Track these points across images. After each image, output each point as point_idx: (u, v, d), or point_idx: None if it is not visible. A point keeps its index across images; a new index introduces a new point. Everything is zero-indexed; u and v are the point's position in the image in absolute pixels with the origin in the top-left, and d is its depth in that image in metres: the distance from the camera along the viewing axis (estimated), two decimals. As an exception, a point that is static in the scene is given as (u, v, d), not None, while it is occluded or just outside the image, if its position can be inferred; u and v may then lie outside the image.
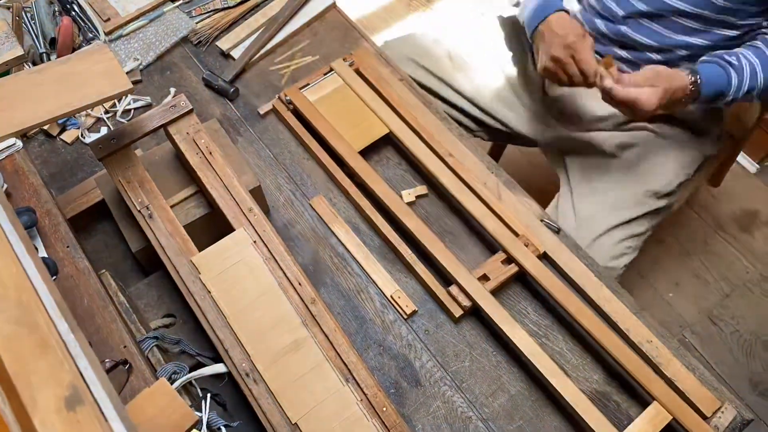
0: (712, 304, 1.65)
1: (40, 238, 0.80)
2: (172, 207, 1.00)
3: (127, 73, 1.30)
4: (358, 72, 1.25)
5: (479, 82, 1.37)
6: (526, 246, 1.06)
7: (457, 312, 1.03)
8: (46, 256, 0.79)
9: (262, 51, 1.33)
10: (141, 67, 1.32)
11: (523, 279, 1.08)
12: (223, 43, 1.34)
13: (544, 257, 1.07)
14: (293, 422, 0.84)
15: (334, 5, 1.39)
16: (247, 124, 1.26)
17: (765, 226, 1.75)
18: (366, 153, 1.18)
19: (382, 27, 2.17)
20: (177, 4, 1.39)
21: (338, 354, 0.88)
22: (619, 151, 1.24)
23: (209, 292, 0.90)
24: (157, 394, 0.64)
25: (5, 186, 0.83)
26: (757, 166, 1.85)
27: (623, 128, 1.25)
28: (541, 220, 1.11)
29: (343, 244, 1.12)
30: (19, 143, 0.91)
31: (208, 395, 0.86)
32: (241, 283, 0.91)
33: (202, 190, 1.02)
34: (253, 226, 0.94)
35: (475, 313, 1.05)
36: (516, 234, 1.07)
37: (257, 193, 1.07)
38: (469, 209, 1.09)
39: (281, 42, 1.35)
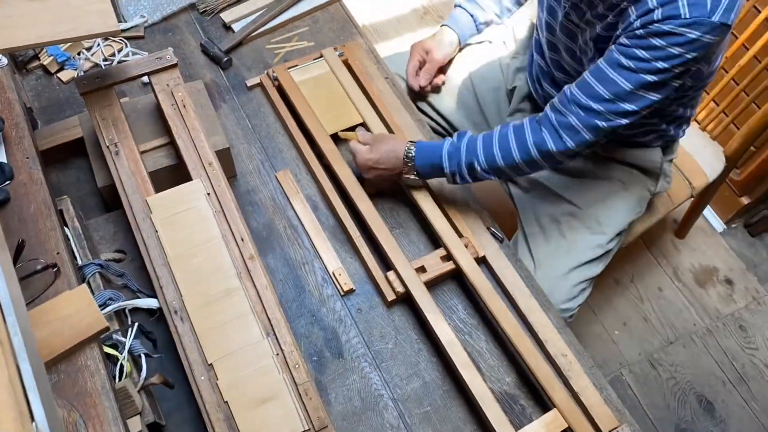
0: (655, 348, 1.69)
1: (4, 145, 0.86)
2: (142, 153, 1.07)
3: (131, 27, 1.38)
4: (346, 63, 1.32)
5: (455, 103, 1.42)
6: (466, 247, 1.11)
7: (390, 296, 1.08)
8: (4, 161, 0.85)
9: (262, 29, 1.40)
10: (146, 24, 1.39)
11: (459, 278, 1.14)
12: (227, 16, 1.41)
13: (482, 262, 1.12)
14: (209, 362, 0.89)
15: (338, -1, 1.46)
16: (233, 93, 1.33)
17: (720, 284, 1.80)
18: (337, 139, 1.24)
19: (392, 35, 2.25)
20: (192, -27, 1.46)
21: (264, 309, 0.93)
22: (566, 193, 1.27)
23: (156, 231, 0.96)
24: (76, 297, 0.69)
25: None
26: (724, 226, 1.90)
27: (565, 170, 1.28)
28: (488, 228, 1.16)
29: (298, 217, 1.18)
30: (5, 60, 0.97)
31: (136, 324, 0.92)
32: (188, 228, 0.97)
33: (172, 141, 1.08)
34: (210, 180, 1.00)
35: (407, 301, 1.11)
36: (460, 235, 1.13)
37: (225, 155, 1.13)
38: (420, 204, 1.15)
39: (282, 24, 1.42)
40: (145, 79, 1.28)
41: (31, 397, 0.39)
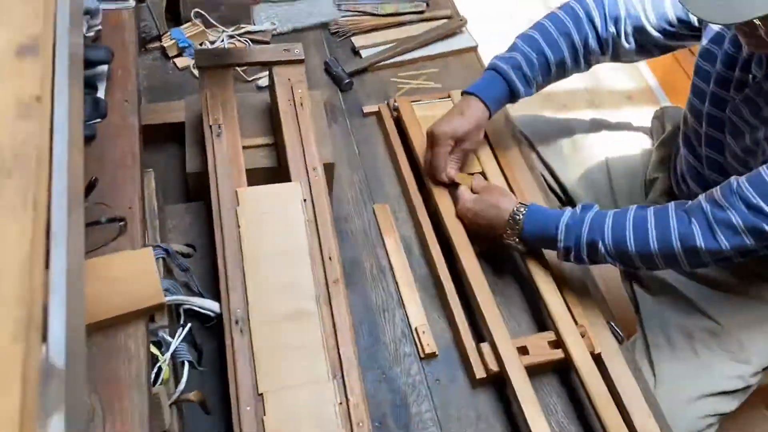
0: None
1: (106, 82, 0.77)
2: (243, 149, 0.96)
3: (258, 31, 1.32)
4: (474, 109, 1.20)
5: (582, 175, 1.27)
6: (582, 337, 0.92)
7: (480, 373, 0.90)
8: (102, 97, 0.75)
9: (391, 61, 1.32)
10: (275, 32, 1.33)
11: (563, 373, 0.94)
12: (358, 41, 1.33)
13: (596, 360, 0.93)
14: (260, 392, 0.73)
15: (475, 48, 1.37)
16: (347, 116, 1.23)
17: None
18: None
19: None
20: (332, -6, 1.42)
21: (338, 345, 0.77)
22: (705, 305, 1.07)
23: (239, 226, 0.83)
24: (138, 259, 0.56)
25: (100, 27, 0.81)
26: None
27: (704, 278, 1.09)
28: (608, 323, 0.98)
29: (389, 257, 1.03)
30: (132, 2, 0.90)
31: (188, 325, 0.77)
32: (274, 231, 0.83)
33: (277, 141, 0.97)
34: (310, 186, 0.87)
35: (497, 383, 0.92)
36: (576, 322, 0.94)
37: (328, 171, 1.01)
38: (534, 276, 0.98)
39: (412, 60, 1.33)
40: (261, 83, 1.22)
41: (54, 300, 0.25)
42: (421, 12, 1.42)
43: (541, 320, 1.00)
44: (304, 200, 0.86)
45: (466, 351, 0.92)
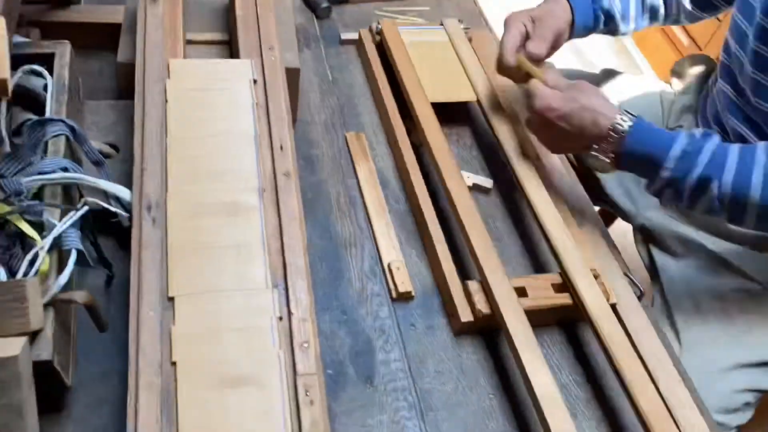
0: None
1: None
2: (188, 43, 0.79)
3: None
4: (469, 40, 1.04)
5: None
6: (595, 279, 0.74)
7: (466, 316, 0.71)
8: None
9: (376, -7, 1.16)
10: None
11: (569, 326, 0.76)
12: (340, -29, 1.18)
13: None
14: (169, 295, 0.54)
15: (472, -9, 1.22)
16: (322, 43, 1.06)
17: None
18: (440, 119, 0.93)
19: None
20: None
21: (283, 249, 0.58)
22: (741, 263, 0.91)
23: (166, 101, 0.64)
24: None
25: None
26: None
27: (739, 238, 0.91)
28: (625, 274, 0.79)
29: (360, 188, 0.85)
30: None
31: (85, 208, 0.58)
32: (212, 110, 0.65)
33: (232, 35, 0.80)
34: (263, 64, 0.69)
35: (485, 332, 0.73)
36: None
37: (291, 76, 0.84)
38: (539, 214, 0.79)
39: (400, -4, 1.18)
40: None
41: None
42: (413, -47, 1.27)
43: (541, 265, 0.82)
44: (254, 81, 0.68)
45: (449, 291, 0.73)
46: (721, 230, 0.91)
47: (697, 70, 1.10)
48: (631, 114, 0.74)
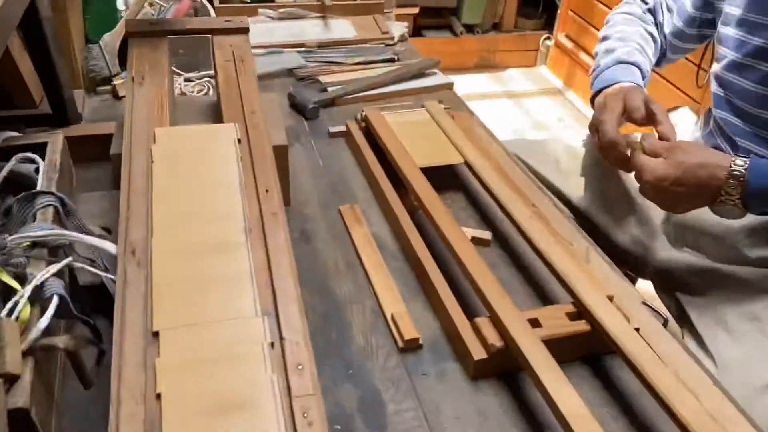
0: None
1: None
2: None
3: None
4: (452, 117, 1.08)
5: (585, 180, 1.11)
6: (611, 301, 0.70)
7: (478, 354, 0.66)
8: None
9: (361, 94, 1.23)
10: (237, 79, 1.26)
11: (592, 361, 0.70)
12: (325, 79, 1.26)
13: (634, 337, 0.69)
14: (154, 329, 0.51)
15: (451, 86, 1.29)
16: (311, 138, 1.10)
17: None
18: (429, 173, 0.93)
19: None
20: (299, 50, 1.38)
21: (271, 279, 0.56)
22: None
23: (152, 161, 0.66)
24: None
25: None
26: None
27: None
28: (644, 303, 0.75)
29: (357, 251, 0.83)
30: None
31: (69, 259, 0.57)
32: (196, 168, 0.66)
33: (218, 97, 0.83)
34: (246, 125, 0.72)
35: (503, 376, 0.68)
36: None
37: (280, 155, 0.86)
38: (545, 251, 0.77)
39: (383, 95, 1.24)
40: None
41: None
42: (392, 61, 1.36)
43: (551, 300, 0.78)
44: (239, 140, 0.70)
45: (457, 332, 0.69)
46: (738, 257, 0.87)
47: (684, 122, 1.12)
48: (741, 156, 0.76)
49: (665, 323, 0.74)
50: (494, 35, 3.14)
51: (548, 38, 3.20)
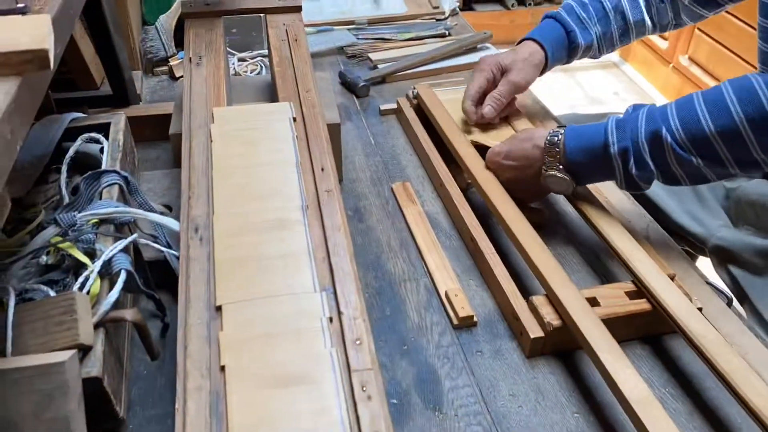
0: None
1: None
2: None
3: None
4: (504, 94, 1.06)
5: None
6: (673, 280, 0.68)
7: (535, 332, 0.66)
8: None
9: (411, 71, 1.22)
10: (288, 58, 1.27)
11: (655, 340, 0.69)
12: (375, 56, 1.25)
13: (697, 318, 0.67)
14: (217, 304, 0.52)
15: (503, 60, 1.26)
16: (362, 116, 1.10)
17: None
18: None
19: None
20: (349, 27, 1.37)
21: (329, 256, 0.57)
22: None
23: (211, 140, 0.67)
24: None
25: None
26: None
27: None
28: (707, 282, 0.73)
29: (410, 229, 0.83)
30: None
31: (134, 235, 0.59)
32: (254, 146, 0.67)
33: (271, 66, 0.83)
34: (301, 104, 0.72)
35: (560, 355, 0.67)
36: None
37: (333, 133, 0.86)
38: (599, 225, 0.75)
39: (434, 71, 1.23)
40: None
41: None
42: (443, 36, 1.35)
43: (610, 278, 0.76)
44: (294, 119, 0.71)
45: (513, 311, 0.68)
46: None
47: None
48: (561, 125, 0.79)
49: (729, 303, 0.71)
50: (546, 7, 3.06)
51: (603, 9, 3.09)
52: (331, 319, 0.52)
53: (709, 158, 0.67)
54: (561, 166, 0.75)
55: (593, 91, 2.77)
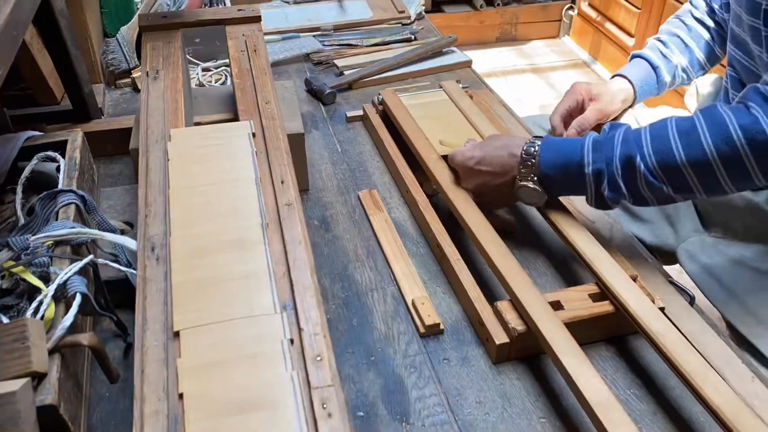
0: None
1: None
2: (195, 125, 0.83)
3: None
4: (470, 97, 1.06)
5: None
6: (634, 281, 0.69)
7: (500, 337, 0.66)
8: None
9: (378, 76, 1.21)
10: (254, 66, 1.26)
11: (619, 341, 0.69)
12: (341, 62, 1.25)
13: (660, 317, 0.68)
14: (175, 329, 0.51)
15: (470, 63, 1.27)
16: (329, 123, 1.10)
17: None
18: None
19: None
20: (314, 33, 1.37)
21: (289, 271, 0.56)
22: None
23: (168, 160, 0.66)
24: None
25: None
26: None
27: None
28: (670, 281, 0.74)
29: (376, 237, 0.83)
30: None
31: (90, 257, 0.58)
32: (212, 163, 0.66)
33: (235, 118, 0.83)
34: (261, 119, 0.71)
35: (527, 360, 0.67)
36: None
37: (296, 144, 0.86)
38: (568, 233, 0.75)
39: (401, 76, 1.23)
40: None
41: None
42: (409, 41, 1.35)
43: (574, 281, 0.77)
44: (253, 134, 0.70)
45: (479, 317, 0.69)
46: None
47: (707, 88, 1.09)
48: (538, 136, 0.78)
49: (692, 301, 0.72)
50: (515, 7, 3.08)
51: (571, 8, 3.12)
52: (292, 341, 0.51)
53: (679, 187, 0.68)
54: (535, 178, 0.75)
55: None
